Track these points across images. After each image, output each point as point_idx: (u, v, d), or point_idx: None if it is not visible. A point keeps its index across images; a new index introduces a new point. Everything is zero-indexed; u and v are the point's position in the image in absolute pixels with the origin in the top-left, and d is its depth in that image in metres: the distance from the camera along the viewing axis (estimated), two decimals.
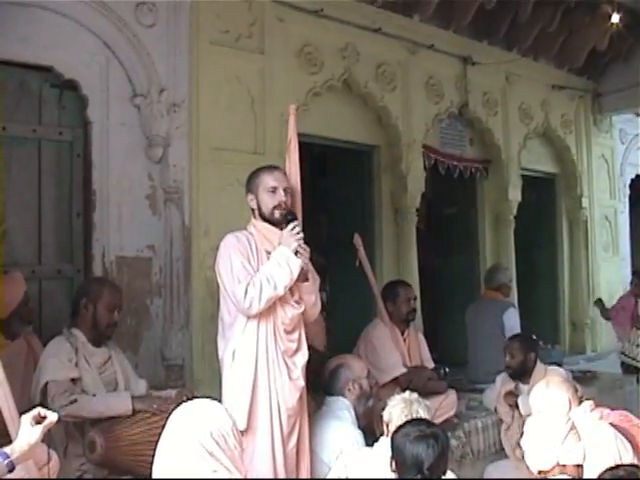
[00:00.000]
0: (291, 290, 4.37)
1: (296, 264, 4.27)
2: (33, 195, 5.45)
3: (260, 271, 4.26)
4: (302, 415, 4.46)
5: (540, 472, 3.67)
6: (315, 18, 7.08)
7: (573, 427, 3.74)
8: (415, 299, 6.62)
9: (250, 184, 4.56)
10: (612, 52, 10.16)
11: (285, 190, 4.47)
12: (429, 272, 9.02)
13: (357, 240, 6.27)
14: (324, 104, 7.36)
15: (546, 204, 10.81)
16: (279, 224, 4.44)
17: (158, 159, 5.87)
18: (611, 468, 3.10)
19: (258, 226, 4.50)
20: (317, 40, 7.15)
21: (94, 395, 4.44)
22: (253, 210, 4.55)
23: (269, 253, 4.37)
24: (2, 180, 5.21)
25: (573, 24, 9.31)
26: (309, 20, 7.05)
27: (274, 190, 4.45)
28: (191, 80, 6.08)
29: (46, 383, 4.35)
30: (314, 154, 8.76)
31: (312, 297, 4.53)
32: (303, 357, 4.46)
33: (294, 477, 4.34)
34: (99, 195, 5.60)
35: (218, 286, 4.48)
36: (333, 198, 8.85)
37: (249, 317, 4.26)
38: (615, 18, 8.62)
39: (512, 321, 7.64)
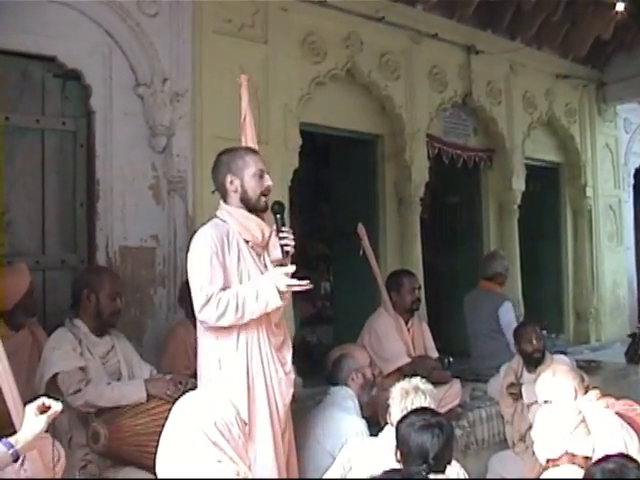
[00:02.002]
0: None
1: (275, 305, 3.99)
2: (36, 185, 5.46)
3: (235, 292, 3.95)
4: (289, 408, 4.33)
5: (548, 461, 3.66)
6: (318, 7, 7.06)
7: (584, 420, 3.72)
8: (419, 288, 6.61)
9: (231, 165, 4.20)
10: (616, 41, 10.13)
11: (268, 174, 4.24)
12: (433, 262, 9.01)
13: (361, 230, 6.27)
14: (327, 94, 7.35)
15: (550, 194, 10.80)
16: (262, 212, 4.22)
17: (161, 149, 5.87)
18: (599, 460, 3.08)
19: (235, 214, 4.17)
20: (320, 29, 7.13)
21: (108, 384, 4.45)
22: (226, 194, 4.23)
23: (247, 242, 4.14)
24: (2, 170, 5.22)
25: (577, 13, 9.28)
26: (312, 9, 7.04)
27: (261, 174, 4.18)
28: (194, 69, 6.08)
29: (54, 375, 4.34)
30: (317, 144, 8.76)
31: None
32: (289, 349, 4.33)
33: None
34: (102, 185, 5.60)
35: None
36: (337, 188, 8.85)
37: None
38: (619, 7, 8.58)
39: (507, 316, 7.64)
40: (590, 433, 3.72)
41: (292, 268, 4.01)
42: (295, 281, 3.99)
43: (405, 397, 3.99)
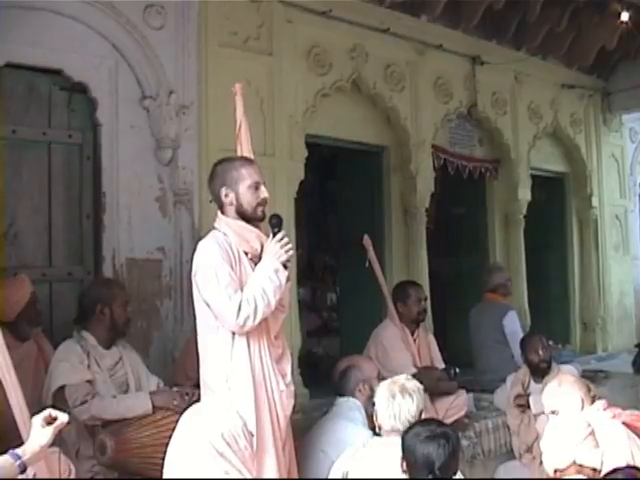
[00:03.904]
0: None
1: (284, 276, 4.00)
2: (43, 198, 5.47)
3: (251, 285, 3.96)
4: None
5: (556, 471, 3.65)
6: (323, 19, 7.08)
7: (592, 432, 3.72)
8: (426, 299, 6.60)
9: (225, 177, 4.14)
10: (621, 51, 10.12)
11: (264, 185, 4.19)
12: (439, 272, 9.01)
13: (367, 241, 6.28)
14: (333, 105, 7.36)
15: (556, 204, 10.78)
16: (260, 222, 4.18)
17: (167, 161, 5.88)
18: (608, 473, 3.08)
19: (233, 225, 4.11)
20: (325, 41, 7.15)
21: (114, 397, 4.47)
22: (223, 206, 4.17)
23: (246, 254, 4.09)
24: (3, 182, 5.23)
25: (582, 23, 9.28)
26: (317, 21, 7.06)
27: (257, 186, 4.11)
28: (200, 82, 6.09)
29: (60, 387, 4.37)
30: (323, 155, 8.77)
31: (287, 295, 4.33)
32: (289, 361, 4.27)
33: None
34: (109, 197, 5.62)
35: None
36: (342, 199, 8.86)
37: (238, 334, 3.97)
38: (624, 16, 8.59)
39: (513, 325, 7.64)
40: (599, 446, 3.71)
41: (281, 234, 4.06)
42: (277, 242, 4.03)
43: (392, 402, 3.93)
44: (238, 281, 3.99)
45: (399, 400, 3.88)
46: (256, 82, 6.42)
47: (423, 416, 3.93)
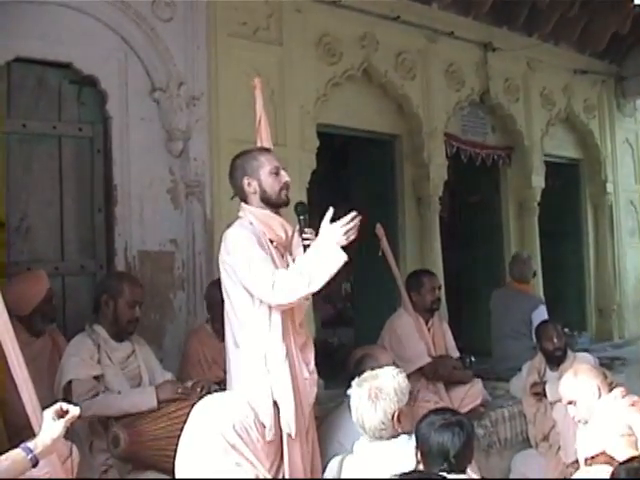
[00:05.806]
0: None
1: (341, 260, 3.88)
2: (54, 191, 5.48)
3: (300, 263, 3.96)
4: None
5: (586, 460, 3.63)
6: (333, 8, 7.05)
7: (633, 434, 3.67)
8: (440, 288, 6.57)
9: (245, 167, 4.23)
10: (634, 35, 10.03)
11: (284, 170, 4.26)
12: (453, 260, 8.98)
13: (380, 230, 6.24)
14: (344, 94, 7.34)
15: (570, 190, 10.72)
16: (284, 206, 4.25)
17: (178, 153, 5.87)
18: (625, 461, 3.05)
19: (258, 214, 4.18)
20: (335, 30, 7.12)
21: (119, 392, 4.44)
22: (246, 196, 4.24)
23: (272, 242, 4.15)
24: (14, 176, 5.27)
25: (594, 8, 9.21)
26: (327, 10, 7.03)
27: (277, 171, 4.19)
28: (210, 73, 6.09)
29: (69, 382, 4.36)
30: (335, 145, 8.74)
31: None
32: (311, 349, 4.34)
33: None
34: (120, 190, 5.62)
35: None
36: (355, 188, 8.81)
37: (272, 315, 4.02)
38: (637, 0, 8.52)
39: (541, 320, 7.59)
40: (637, 450, 3.66)
41: (348, 218, 4.02)
42: (345, 225, 3.97)
43: (355, 409, 3.77)
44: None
45: (363, 408, 3.72)
46: (266, 72, 6.38)
47: (434, 407, 3.89)
